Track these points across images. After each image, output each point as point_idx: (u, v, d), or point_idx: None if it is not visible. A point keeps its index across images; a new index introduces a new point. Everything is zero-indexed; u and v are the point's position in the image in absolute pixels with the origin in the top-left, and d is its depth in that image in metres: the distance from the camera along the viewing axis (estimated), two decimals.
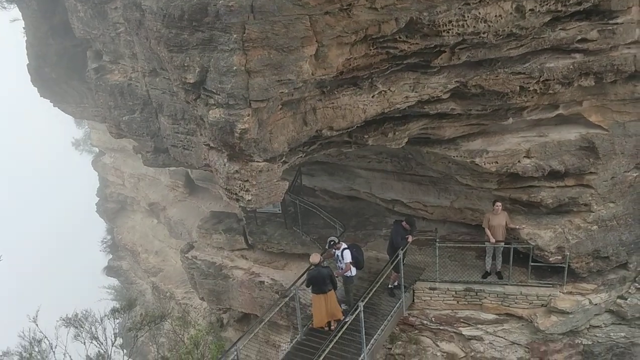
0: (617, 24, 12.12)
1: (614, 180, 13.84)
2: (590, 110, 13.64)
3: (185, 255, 20.61)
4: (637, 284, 14.57)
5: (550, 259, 14.15)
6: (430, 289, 15.02)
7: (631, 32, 12.32)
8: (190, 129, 13.10)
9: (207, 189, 25.59)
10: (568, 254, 13.93)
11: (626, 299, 14.49)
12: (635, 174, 13.97)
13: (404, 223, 14.40)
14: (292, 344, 13.55)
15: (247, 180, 11.27)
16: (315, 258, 12.82)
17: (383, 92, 12.23)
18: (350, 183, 18.28)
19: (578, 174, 13.85)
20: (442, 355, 14.82)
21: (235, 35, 9.66)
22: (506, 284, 14.70)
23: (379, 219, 18.15)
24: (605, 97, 13.37)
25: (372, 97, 12.15)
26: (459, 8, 10.91)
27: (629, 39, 12.40)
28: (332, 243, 13.92)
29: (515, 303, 14.59)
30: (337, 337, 12.08)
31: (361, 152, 15.95)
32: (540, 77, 12.46)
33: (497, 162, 13.76)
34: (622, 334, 14.68)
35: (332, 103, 11.86)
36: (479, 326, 14.85)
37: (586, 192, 13.93)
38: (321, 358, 11.58)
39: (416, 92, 12.46)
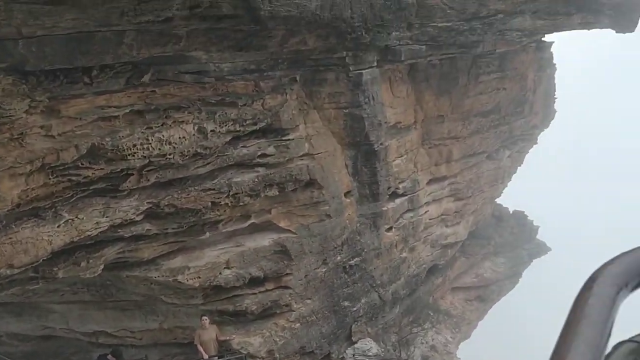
0: (289, 139, 13.56)
1: (308, 278, 15.00)
2: (279, 216, 14.71)
3: None
4: None
5: None
6: None
7: (302, 146, 13.90)
8: None
9: None
10: (277, 356, 14.38)
11: None
12: (324, 270, 15.36)
13: (109, 356, 13.24)
14: None
15: None
16: None
17: (70, 221, 11.30)
18: (42, 321, 16.18)
19: (276, 277, 14.64)
20: None
21: None
22: None
23: (82, 355, 16.35)
24: (289, 204, 14.61)
25: (58, 227, 11.12)
26: (142, 132, 10.94)
27: (301, 152, 13.96)
28: None
29: None
30: None
31: (52, 286, 14.37)
32: (230, 191, 13.07)
33: (200, 277, 13.74)
34: None
35: (11, 238, 10.48)
36: None
37: (285, 293, 14.76)
38: None
39: (107, 217, 11.84)
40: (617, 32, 18.33)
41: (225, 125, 12.09)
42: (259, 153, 13.23)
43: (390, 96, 16.77)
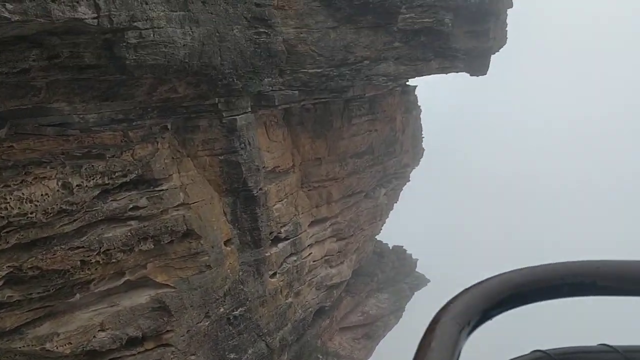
0: (162, 190, 13.07)
1: (190, 333, 14.35)
2: (155, 271, 14.03)
3: None
4: None
5: None
6: None
7: (176, 196, 13.44)
8: None
9: None
10: None
11: None
12: (207, 323, 14.78)
13: None
14: None
15: None
16: None
17: None
18: None
19: (156, 335, 13.86)
20: None
21: None
22: None
23: None
24: (166, 256, 14.00)
25: None
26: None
27: (176, 202, 13.49)
28: None
29: None
30: None
31: None
32: (100, 248, 12.29)
33: (71, 343, 12.66)
34: None
35: None
36: None
37: (167, 351, 13.99)
38: None
39: None
40: (470, 75, 19.75)
41: (93, 179, 11.42)
42: (131, 206, 12.61)
43: (266, 140, 16.82)
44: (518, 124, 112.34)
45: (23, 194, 10.44)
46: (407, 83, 23.31)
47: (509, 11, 19.81)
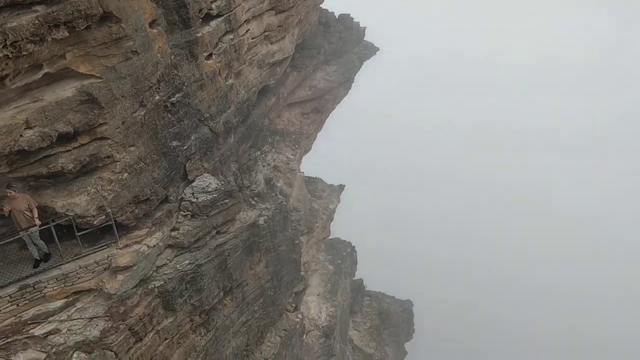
0: None
1: (126, 124, 13.62)
2: (76, 61, 12.74)
3: None
4: (182, 212, 15.27)
5: (95, 222, 13.54)
6: None
7: None
8: None
9: None
10: (110, 210, 13.50)
11: (178, 229, 15.13)
12: (142, 112, 13.99)
13: None
14: None
15: None
16: None
17: None
18: None
19: (89, 129, 13.12)
20: None
21: None
22: (62, 264, 13.57)
23: None
24: (86, 44, 12.59)
25: None
26: None
27: None
28: None
29: (78, 278, 13.70)
30: None
31: None
32: (6, 40, 10.86)
33: None
34: (187, 262, 15.45)
35: None
36: (50, 319, 13.53)
37: (104, 144, 13.40)
38: None
39: None
40: None
41: None
42: None
43: None
44: None
45: None
46: None
47: None
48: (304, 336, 24.77)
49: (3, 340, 13.06)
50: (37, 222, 12.98)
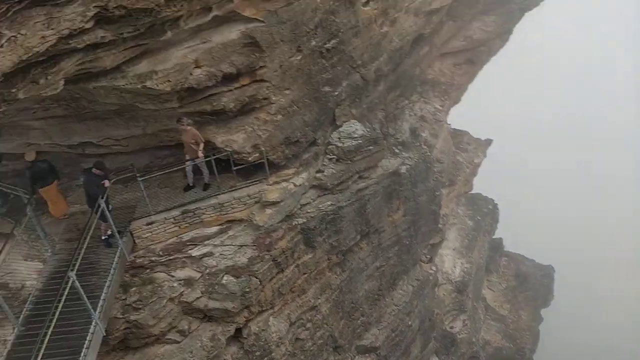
0: None
1: (283, 68, 14.30)
2: (242, 5, 13.48)
3: None
4: (328, 155, 15.86)
5: (250, 159, 14.53)
6: (148, 224, 14.45)
7: None
8: None
9: None
10: (263, 149, 14.40)
11: (323, 172, 15.76)
12: (299, 57, 14.57)
13: (94, 170, 13.33)
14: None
15: None
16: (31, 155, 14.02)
17: (13, 39, 10.36)
18: (24, 138, 15.99)
19: (250, 72, 13.97)
20: (180, 284, 14.68)
21: None
22: (219, 194, 14.83)
23: (73, 168, 16.48)
24: None
25: (1, 47, 10.26)
26: None
27: None
28: None
29: (232, 208, 14.90)
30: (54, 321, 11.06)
31: (20, 105, 13.87)
32: None
33: (170, 81, 13.10)
34: (329, 203, 16.12)
35: None
36: (206, 242, 14.93)
37: (262, 86, 14.22)
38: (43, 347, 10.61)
39: (53, 29, 10.81)
40: None
41: None
42: None
43: None
44: None
45: None
46: None
47: None
48: (436, 289, 24.94)
49: (166, 257, 14.70)
50: (200, 154, 14.24)
